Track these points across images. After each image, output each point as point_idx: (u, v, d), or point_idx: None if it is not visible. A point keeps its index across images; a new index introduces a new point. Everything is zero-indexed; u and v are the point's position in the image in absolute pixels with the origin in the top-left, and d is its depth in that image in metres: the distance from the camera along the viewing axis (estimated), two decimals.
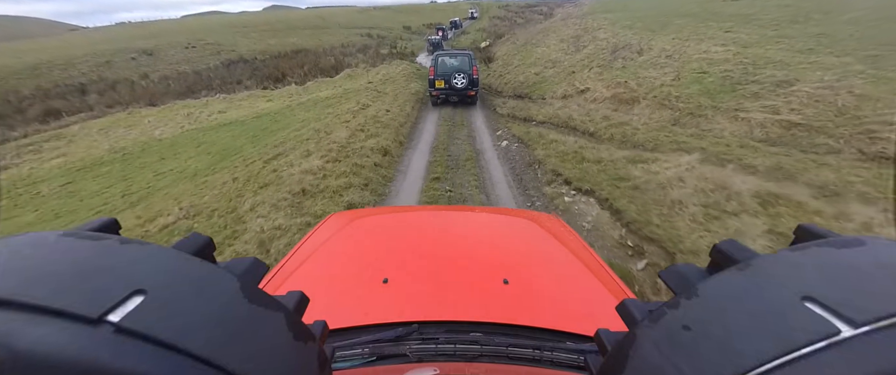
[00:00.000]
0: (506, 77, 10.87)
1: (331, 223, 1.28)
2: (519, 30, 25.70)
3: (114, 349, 0.16)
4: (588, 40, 11.12)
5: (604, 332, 0.30)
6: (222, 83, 17.52)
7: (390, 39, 31.90)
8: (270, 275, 0.92)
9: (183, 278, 0.22)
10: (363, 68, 15.86)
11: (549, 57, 11.01)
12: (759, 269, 0.23)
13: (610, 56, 8.88)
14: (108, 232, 0.25)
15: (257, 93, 13.86)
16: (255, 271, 0.27)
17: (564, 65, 9.65)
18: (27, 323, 0.16)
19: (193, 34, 29.72)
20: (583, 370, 0.62)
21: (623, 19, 12.86)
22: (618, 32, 10.91)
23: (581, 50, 10.43)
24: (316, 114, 8.69)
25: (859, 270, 0.20)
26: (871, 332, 0.17)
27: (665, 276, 0.28)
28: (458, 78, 7.87)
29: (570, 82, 8.12)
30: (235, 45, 26.60)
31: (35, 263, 0.19)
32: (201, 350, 0.18)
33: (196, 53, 24.25)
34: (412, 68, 14.94)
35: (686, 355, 0.20)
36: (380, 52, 23.06)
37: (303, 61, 20.41)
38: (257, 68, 20.07)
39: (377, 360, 0.63)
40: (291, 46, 27.93)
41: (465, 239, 1.16)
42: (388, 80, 11.94)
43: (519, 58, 12.48)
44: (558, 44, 12.17)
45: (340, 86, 12.89)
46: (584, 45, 10.74)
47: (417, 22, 46.09)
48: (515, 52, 13.67)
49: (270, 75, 17.56)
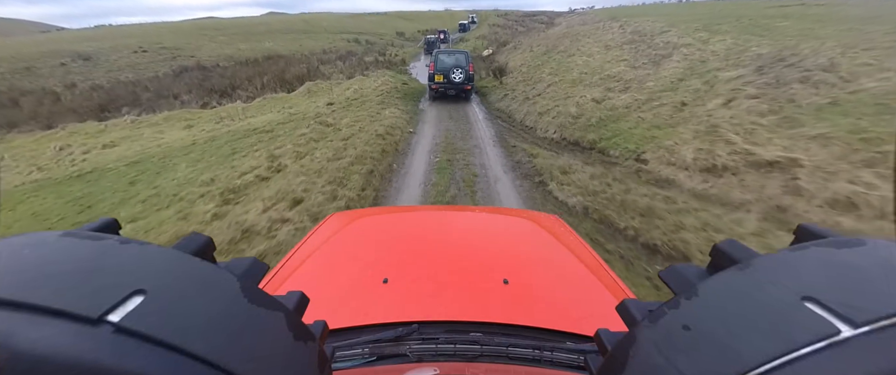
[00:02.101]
0: (539, 103, 7.01)
1: (331, 223, 1.27)
2: (523, 37, 22.78)
3: (114, 349, 0.16)
4: (662, 49, 7.51)
5: (604, 332, 0.29)
6: (155, 97, 13.73)
7: (380, 46, 28.54)
8: (270, 275, 0.91)
9: (183, 278, 0.22)
10: (333, 81, 12.14)
11: (605, 71, 7.32)
12: (758, 269, 0.22)
13: (759, 77, 4.79)
14: (108, 232, 0.25)
15: (183, 115, 10.09)
16: (255, 271, 0.27)
17: (651, 89, 5.79)
18: (27, 323, 0.16)
19: (159, 38, 26.05)
20: (583, 370, 0.61)
21: (686, 21, 9.32)
22: (707, 39, 7.27)
23: (660, 64, 6.77)
24: (212, 169, 4.88)
25: (859, 270, 0.20)
26: (871, 332, 0.16)
27: (665, 276, 0.28)
28: (455, 72, 8.22)
29: (703, 129, 4.06)
30: (197, 50, 22.89)
31: (35, 263, 0.19)
32: (201, 351, 0.18)
33: (146, 58, 20.48)
34: (397, 80, 11.28)
35: (686, 355, 0.20)
36: (364, 60, 19.59)
37: (267, 70, 16.72)
38: (209, 78, 16.33)
39: (377, 360, 0.63)
40: (266, 52, 24.40)
41: (465, 239, 1.15)
42: (356, 102, 8.23)
43: (548, 71, 8.76)
44: (607, 52, 8.58)
45: (291, 106, 9.17)
46: (662, 57, 7.09)
47: (412, 28, 43.01)
48: (538, 62, 9.98)
49: (217, 88, 13.80)
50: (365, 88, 9.94)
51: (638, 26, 9.83)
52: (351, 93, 9.27)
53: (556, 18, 32.24)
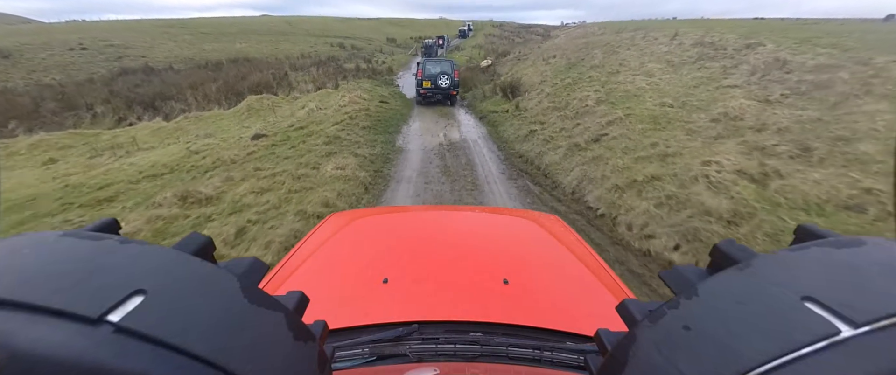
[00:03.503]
0: (606, 159, 4.04)
1: (331, 223, 1.25)
2: (522, 48, 20.70)
3: (114, 349, 0.16)
4: (797, 74, 4.83)
5: (604, 332, 0.29)
6: (63, 108, 10.67)
7: (368, 52, 25.80)
8: (270, 275, 0.90)
9: (183, 278, 0.21)
10: (291, 94, 9.30)
11: (706, 103, 4.59)
12: (758, 269, 0.22)
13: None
14: (108, 232, 0.25)
15: (62, 141, 7.12)
16: (255, 271, 0.27)
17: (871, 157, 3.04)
18: (27, 323, 0.16)
19: (110, 34, 22.87)
20: (583, 370, 0.60)
21: (753, 32, 6.80)
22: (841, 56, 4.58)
23: (829, 100, 4.01)
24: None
25: (859, 270, 0.20)
26: (871, 332, 0.16)
27: (665, 276, 0.28)
28: (442, 78, 8.67)
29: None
30: (150, 50, 19.80)
31: (35, 263, 0.19)
32: (201, 350, 0.18)
33: (83, 58, 17.31)
34: (375, 96, 8.54)
35: (686, 355, 0.20)
36: (343, 67, 16.83)
37: (223, 76, 13.79)
38: (148, 83, 13.32)
39: (377, 360, 0.63)
40: (235, 54, 21.43)
41: (466, 239, 1.14)
42: (298, 135, 5.45)
43: (591, 94, 6.02)
44: (679, 72, 6.01)
45: (208, 134, 6.34)
46: (813, 86, 4.36)
47: (404, 35, 40.47)
48: (566, 80, 7.33)
49: (148, 98, 10.80)
50: (326, 107, 7.14)
51: (702, 37, 7.27)
52: (302, 116, 6.46)
53: (551, 31, 32.36)
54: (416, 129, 6.68)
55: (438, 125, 7.01)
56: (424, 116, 7.77)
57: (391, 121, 6.91)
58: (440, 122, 7.21)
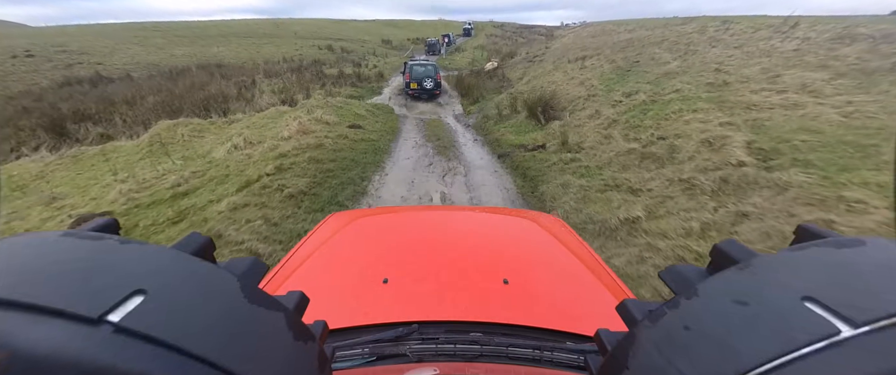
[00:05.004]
0: None
1: (331, 223, 1.25)
2: (528, 48, 18.65)
3: (114, 349, 0.16)
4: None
5: (604, 332, 0.29)
6: None
7: (358, 54, 23.42)
8: (270, 275, 0.90)
9: (183, 278, 0.21)
10: (230, 115, 6.87)
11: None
12: (758, 269, 0.22)
13: None
14: (108, 232, 0.25)
15: None
16: (255, 271, 0.27)
17: None
18: (27, 323, 0.16)
19: (66, 39, 20.61)
20: (583, 370, 0.60)
21: None
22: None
23: None
24: None
25: (859, 270, 0.20)
26: (871, 332, 0.16)
27: (665, 276, 0.28)
28: (427, 81, 10.01)
29: None
30: (109, 56, 17.47)
31: (35, 263, 0.19)
32: (201, 351, 0.18)
33: (25, 66, 14.98)
34: (347, 114, 6.14)
35: (686, 355, 0.20)
36: (325, 72, 14.47)
37: (179, 86, 11.35)
38: (88, 95, 10.95)
39: (377, 360, 0.63)
40: (210, 58, 19.11)
41: (465, 239, 1.13)
42: (152, 224, 2.95)
43: (715, 122, 3.43)
44: (846, 83, 3.42)
45: (53, 199, 3.84)
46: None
47: (400, 36, 38.06)
48: (642, 95, 4.68)
49: (68, 117, 8.39)
50: (259, 140, 4.71)
51: (848, 30, 4.74)
52: (210, 162, 4.00)
53: (554, 31, 31.91)
54: (394, 181, 4.03)
55: (433, 172, 4.22)
56: (414, 147, 5.24)
57: (354, 167, 4.27)
58: (437, 164, 4.52)
